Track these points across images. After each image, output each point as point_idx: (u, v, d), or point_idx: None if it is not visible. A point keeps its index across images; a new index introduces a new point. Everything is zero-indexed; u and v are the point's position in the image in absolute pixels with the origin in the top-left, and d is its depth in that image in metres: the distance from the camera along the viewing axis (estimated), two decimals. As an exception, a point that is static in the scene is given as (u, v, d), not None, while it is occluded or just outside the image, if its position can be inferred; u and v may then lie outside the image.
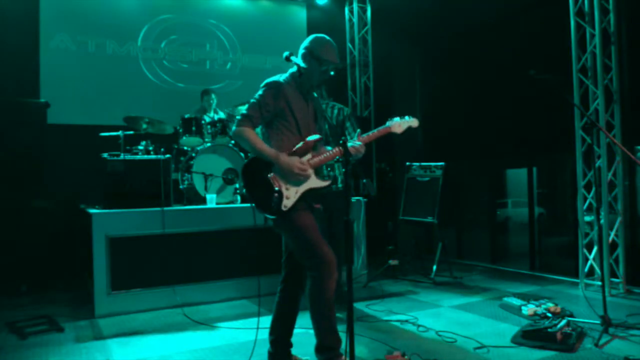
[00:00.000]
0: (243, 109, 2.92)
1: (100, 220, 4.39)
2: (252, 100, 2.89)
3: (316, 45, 2.92)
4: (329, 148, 2.95)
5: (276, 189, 2.80)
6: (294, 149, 2.90)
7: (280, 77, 2.93)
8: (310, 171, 2.88)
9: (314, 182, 2.90)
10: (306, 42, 2.97)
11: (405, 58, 8.16)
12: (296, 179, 2.83)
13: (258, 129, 2.96)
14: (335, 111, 4.43)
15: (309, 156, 2.91)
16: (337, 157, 2.93)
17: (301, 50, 2.96)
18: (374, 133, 3.04)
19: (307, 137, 2.95)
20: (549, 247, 6.40)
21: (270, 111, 2.86)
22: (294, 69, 2.93)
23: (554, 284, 5.42)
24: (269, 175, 2.83)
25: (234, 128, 2.87)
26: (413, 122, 3.11)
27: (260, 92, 2.89)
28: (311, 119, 3.01)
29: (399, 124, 3.08)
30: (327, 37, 2.98)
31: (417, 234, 6.69)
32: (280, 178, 2.83)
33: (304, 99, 2.97)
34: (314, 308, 2.84)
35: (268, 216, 2.84)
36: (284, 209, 2.79)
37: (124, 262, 4.43)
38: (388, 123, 3.09)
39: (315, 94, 2.98)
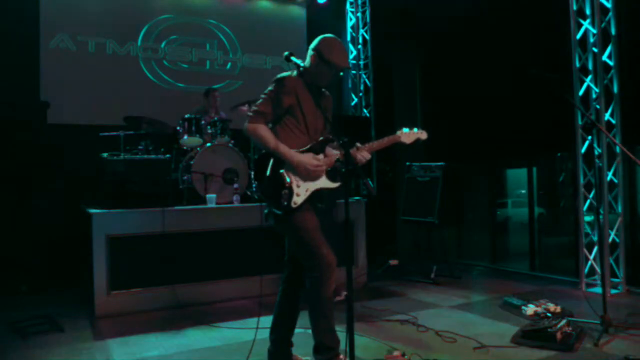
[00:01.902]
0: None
1: (100, 220, 4.39)
2: (263, 96, 2.86)
3: (325, 48, 2.85)
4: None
5: (287, 185, 2.81)
6: (306, 147, 2.89)
7: (292, 73, 2.89)
8: (323, 168, 2.88)
9: (324, 182, 2.90)
10: (315, 43, 2.89)
11: (405, 58, 8.16)
12: (309, 176, 2.82)
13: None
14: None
15: (320, 156, 2.91)
16: (337, 158, 2.93)
17: (310, 52, 2.90)
18: (383, 141, 3.09)
19: (314, 135, 2.94)
20: (549, 247, 6.40)
21: (281, 106, 2.84)
22: (304, 65, 2.88)
23: (554, 284, 5.42)
24: (280, 171, 2.82)
25: (246, 125, 2.84)
26: (422, 134, 3.19)
27: (270, 87, 2.86)
28: (320, 118, 2.97)
29: (408, 134, 3.15)
30: (336, 38, 2.92)
31: (417, 234, 6.69)
32: (292, 174, 2.83)
33: (313, 97, 2.93)
34: (313, 308, 2.84)
35: (276, 211, 2.84)
36: (293, 205, 2.79)
37: (124, 262, 4.43)
38: (397, 132, 3.16)
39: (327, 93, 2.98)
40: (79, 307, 4.58)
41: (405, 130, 3.16)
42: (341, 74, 2.96)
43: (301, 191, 2.82)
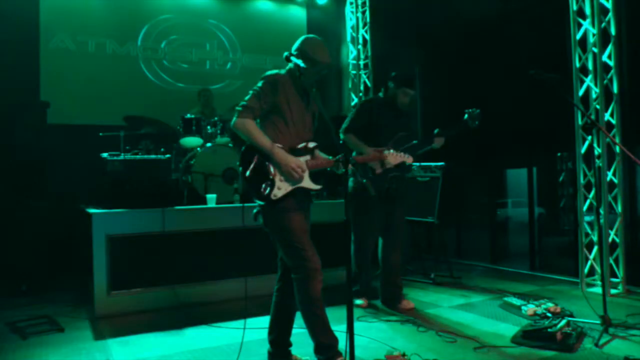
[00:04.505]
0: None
1: (100, 220, 4.38)
2: (251, 92, 2.89)
3: (308, 47, 2.92)
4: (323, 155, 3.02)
5: (270, 176, 2.83)
6: (296, 148, 2.92)
7: (281, 71, 2.95)
8: (305, 173, 2.91)
9: (306, 183, 2.93)
10: (297, 44, 2.96)
11: (405, 58, 8.16)
12: (290, 176, 2.83)
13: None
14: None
15: (307, 157, 2.93)
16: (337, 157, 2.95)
17: (293, 52, 2.94)
18: (367, 157, 3.17)
19: (301, 134, 2.97)
20: (549, 247, 6.40)
21: (268, 103, 2.87)
22: (293, 66, 2.93)
23: (554, 284, 5.41)
24: (266, 162, 2.86)
25: (234, 119, 2.87)
26: (408, 158, 3.27)
27: (259, 84, 2.90)
28: (308, 118, 3.02)
29: (395, 155, 3.21)
30: (318, 38, 2.99)
31: (417, 234, 6.68)
32: (277, 168, 2.85)
33: (301, 97, 2.98)
34: (304, 309, 2.86)
35: (257, 201, 2.87)
36: (273, 197, 2.82)
37: (124, 262, 4.42)
38: (385, 151, 3.22)
39: (314, 89, 3.01)
40: (79, 307, 4.58)
41: (392, 150, 3.23)
42: (325, 71, 2.97)
43: (283, 185, 2.85)
